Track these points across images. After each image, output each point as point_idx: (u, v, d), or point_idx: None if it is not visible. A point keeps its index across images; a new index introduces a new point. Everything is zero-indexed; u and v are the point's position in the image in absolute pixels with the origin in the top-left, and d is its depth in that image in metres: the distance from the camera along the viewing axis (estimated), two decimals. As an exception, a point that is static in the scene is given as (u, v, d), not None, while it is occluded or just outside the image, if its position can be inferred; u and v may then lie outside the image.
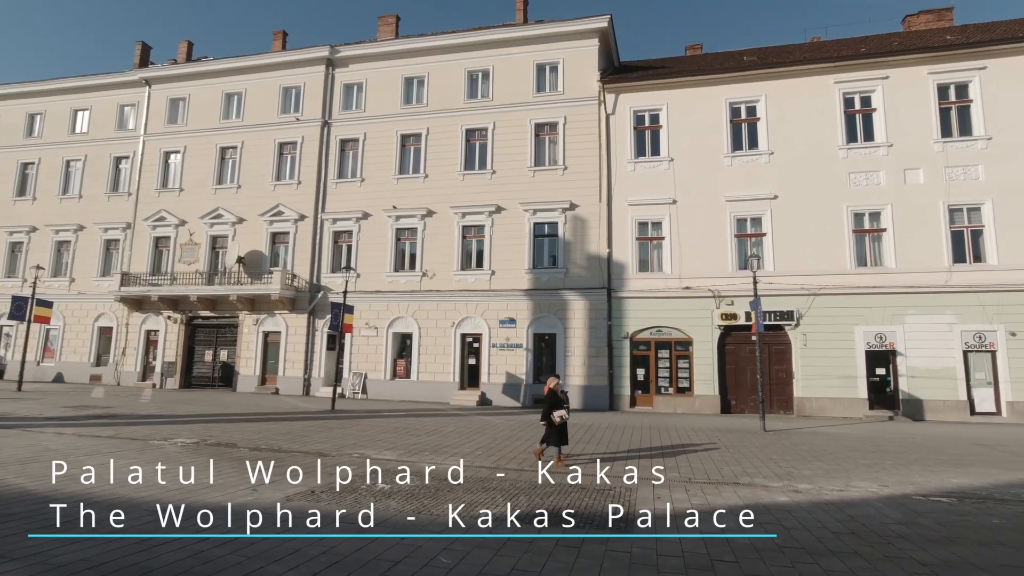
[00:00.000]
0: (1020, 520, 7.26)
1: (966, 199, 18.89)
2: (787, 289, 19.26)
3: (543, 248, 21.92)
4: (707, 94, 21.20)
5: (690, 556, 5.76)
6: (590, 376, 20.43)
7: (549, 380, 10.71)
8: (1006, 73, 19.20)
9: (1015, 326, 17.96)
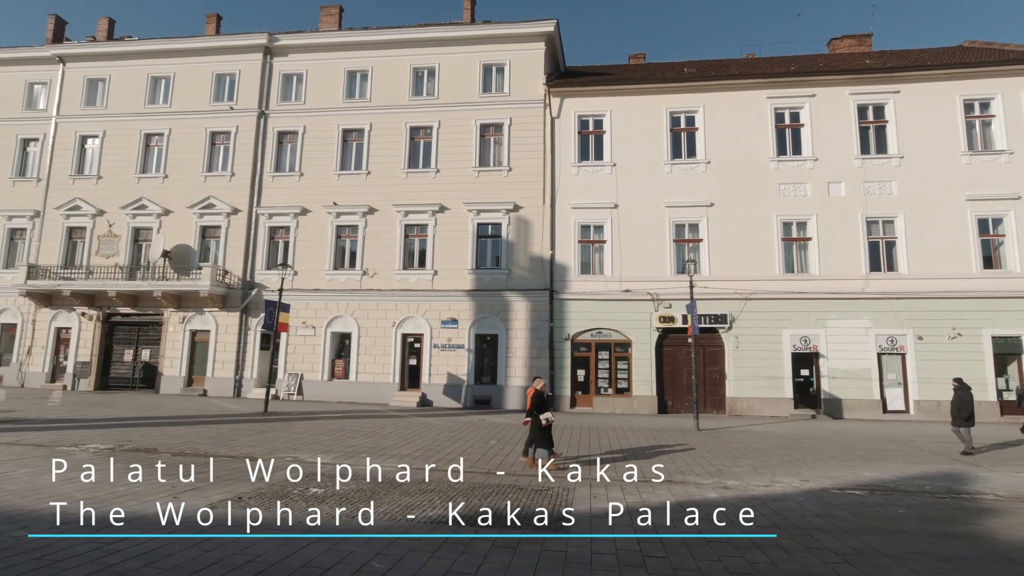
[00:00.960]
0: (923, 510, 7.82)
1: (882, 212, 20.25)
2: (721, 293, 20.05)
3: (486, 249, 21.88)
4: (649, 102, 21.79)
5: (623, 553, 5.87)
6: (531, 377, 20.48)
7: (535, 382, 10.62)
8: (917, 97, 20.74)
9: (922, 331, 19.40)
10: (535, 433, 10.05)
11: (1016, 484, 9.36)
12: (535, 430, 10.03)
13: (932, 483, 9.38)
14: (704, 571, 5.42)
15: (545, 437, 9.98)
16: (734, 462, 11.00)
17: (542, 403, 10.09)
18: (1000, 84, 20.47)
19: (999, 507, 8.05)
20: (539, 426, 9.95)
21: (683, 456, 11.54)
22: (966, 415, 12.33)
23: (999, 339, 19.21)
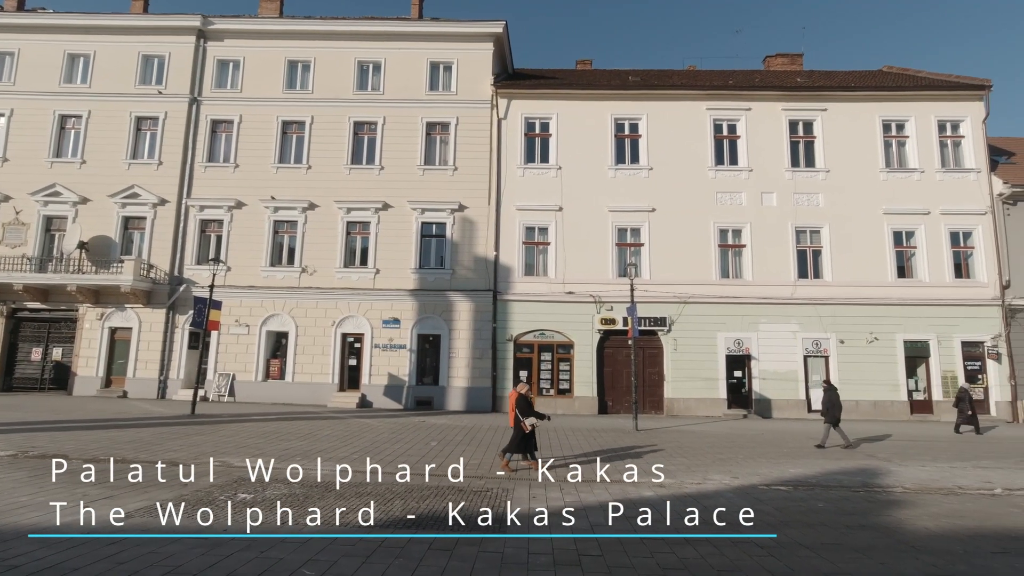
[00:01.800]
0: (840, 503, 8.28)
1: (809, 223, 21.40)
2: (661, 297, 20.61)
3: (430, 248, 21.63)
4: (595, 108, 22.16)
5: (560, 552, 5.90)
6: (474, 378, 20.45)
7: (519, 386, 10.48)
8: (842, 116, 22.06)
9: (844, 335, 20.63)
10: (518, 436, 9.93)
11: (921, 477, 10.06)
12: (518, 434, 9.91)
13: (849, 478, 9.95)
14: (637, 568, 5.51)
15: (527, 441, 9.93)
16: (669, 461, 11.29)
17: (528, 407, 9.96)
18: (913, 108, 22.06)
19: (906, 499, 8.63)
20: (522, 430, 9.84)
21: (622, 456, 11.75)
22: (833, 413, 13.62)
23: (910, 343, 20.68)
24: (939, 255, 21.08)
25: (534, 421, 9.92)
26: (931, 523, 7.30)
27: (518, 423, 9.87)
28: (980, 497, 8.85)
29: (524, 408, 9.91)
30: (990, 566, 5.74)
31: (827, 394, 13.92)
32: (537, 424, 9.97)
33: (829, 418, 13.74)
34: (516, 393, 10.28)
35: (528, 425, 9.82)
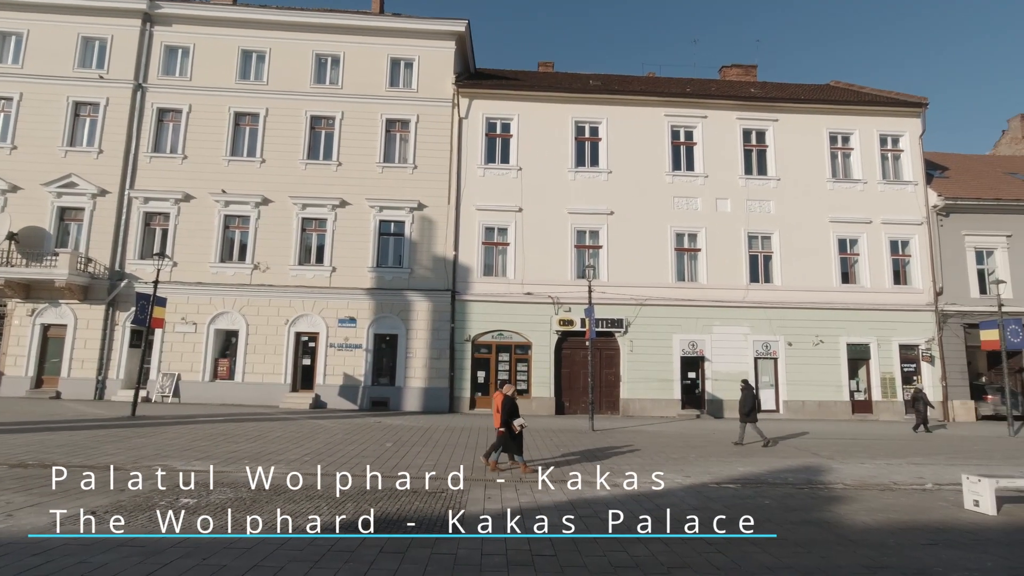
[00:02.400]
0: (785, 500, 8.55)
1: (760, 228, 22.11)
2: (619, 299, 20.90)
3: (388, 247, 21.30)
4: (556, 110, 22.31)
5: (513, 553, 5.87)
6: (431, 378, 20.25)
7: (505, 387, 10.49)
8: (792, 127, 22.90)
9: (792, 337, 21.40)
10: (506, 439, 9.94)
11: (860, 474, 10.50)
12: (506, 436, 9.93)
13: (794, 475, 10.30)
14: (590, 566, 5.53)
15: (516, 443, 9.96)
16: (625, 460, 11.43)
17: (514, 409, 10.02)
18: (858, 122, 23.11)
19: (847, 495, 8.98)
20: (511, 432, 9.88)
21: (577, 456, 11.82)
22: (746, 411, 14.04)
23: (852, 346, 21.62)
24: (880, 262, 22.14)
25: (522, 422, 10.04)
26: (868, 517, 7.62)
27: (507, 425, 9.91)
28: (913, 492, 9.30)
29: (511, 410, 9.99)
30: (919, 557, 6.02)
31: (744, 393, 14.36)
32: (526, 425, 10.08)
33: (743, 416, 14.16)
34: (502, 395, 10.26)
35: (517, 426, 9.91)
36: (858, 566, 5.71)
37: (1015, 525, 7.49)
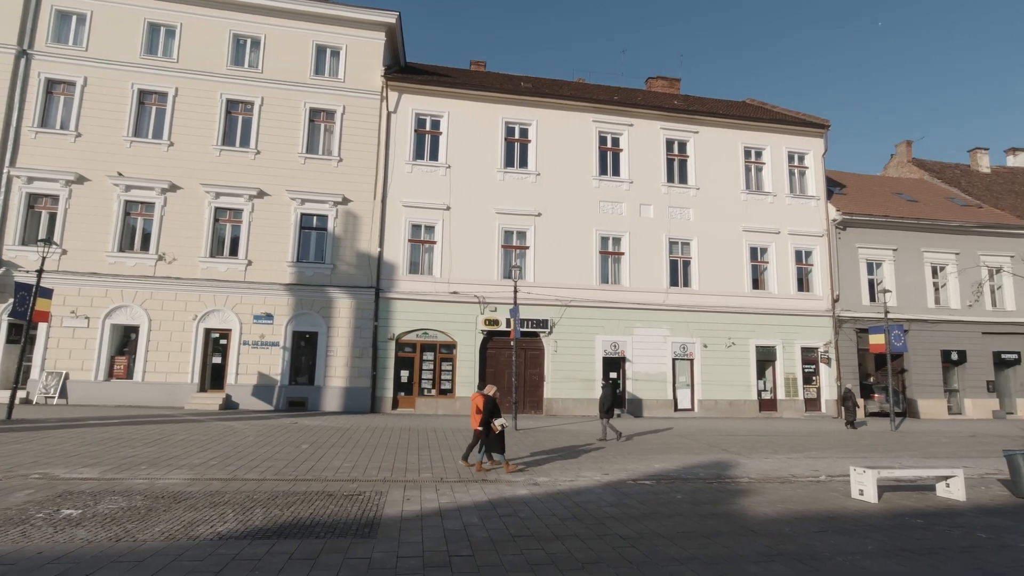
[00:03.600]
0: (696, 494, 8.92)
1: (680, 235, 23.09)
2: (544, 299, 21.14)
3: (310, 241, 20.44)
4: (487, 110, 22.27)
5: (430, 555, 5.76)
6: (352, 377, 19.62)
7: (487, 388, 10.59)
8: (712, 139, 24.08)
9: (707, 340, 22.48)
10: (489, 439, 10.03)
11: (764, 468, 11.16)
12: (487, 435, 10.01)
13: (705, 471, 10.78)
14: (507, 566, 5.51)
15: (499, 442, 10.06)
16: (546, 460, 11.54)
17: (495, 409, 10.12)
18: (769, 138, 24.65)
19: (751, 488, 9.51)
20: (493, 432, 9.99)
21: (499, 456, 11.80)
22: (606, 407, 14.54)
23: (761, 348, 23.01)
24: (786, 270, 23.71)
25: (503, 422, 10.15)
26: (769, 508, 8.09)
27: (487, 425, 10.00)
28: (809, 484, 9.98)
29: (493, 410, 10.09)
30: (811, 544, 6.45)
31: (604, 390, 14.81)
32: (507, 425, 10.23)
33: (602, 412, 14.58)
34: (482, 396, 10.31)
35: (498, 426, 10.01)
36: (758, 554, 6.03)
37: (892, 511, 8.20)
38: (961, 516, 8.04)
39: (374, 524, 6.77)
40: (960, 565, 5.89)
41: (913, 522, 7.63)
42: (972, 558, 6.13)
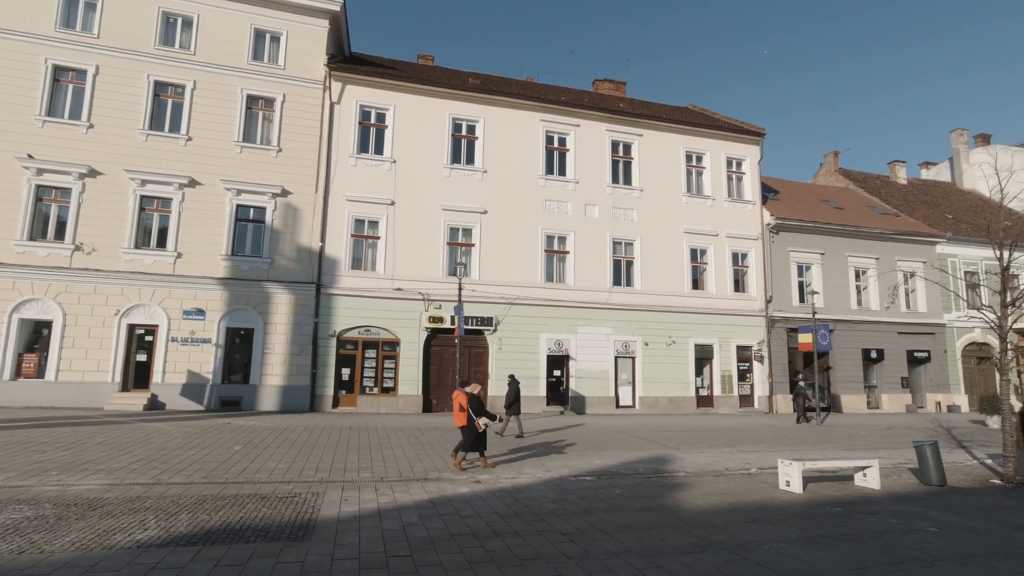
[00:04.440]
0: (634, 489, 9.10)
1: (624, 235, 23.56)
2: (489, 297, 21.10)
3: (246, 234, 19.56)
4: (434, 105, 21.98)
5: (366, 556, 5.61)
6: (291, 375, 18.95)
7: (472, 386, 10.71)
8: (655, 142, 24.69)
9: (648, 338, 23.05)
10: (471, 435, 10.12)
11: (700, 462, 11.52)
12: (471, 433, 10.11)
13: (644, 466, 11.02)
14: (446, 565, 5.43)
15: (480, 440, 10.19)
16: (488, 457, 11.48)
17: (481, 407, 10.27)
18: (709, 144, 25.53)
19: (687, 481, 9.79)
20: (476, 430, 10.11)
21: (442, 454, 11.68)
22: (509, 403, 14.45)
23: (699, 346, 23.82)
24: (723, 272, 24.63)
25: (487, 421, 10.26)
26: (703, 501, 8.35)
27: (471, 422, 10.12)
28: (741, 476, 10.38)
29: (477, 408, 10.22)
30: (741, 534, 6.70)
31: (510, 387, 14.72)
32: (489, 424, 10.36)
33: (509, 409, 14.44)
34: (464, 394, 10.43)
35: (482, 424, 10.14)
36: (691, 545, 6.20)
37: (815, 501, 8.64)
38: (876, 503, 8.56)
39: (309, 526, 6.54)
40: (873, 549, 6.26)
41: (833, 510, 8.05)
42: (884, 542, 6.53)
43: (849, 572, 5.50)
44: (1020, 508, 8.50)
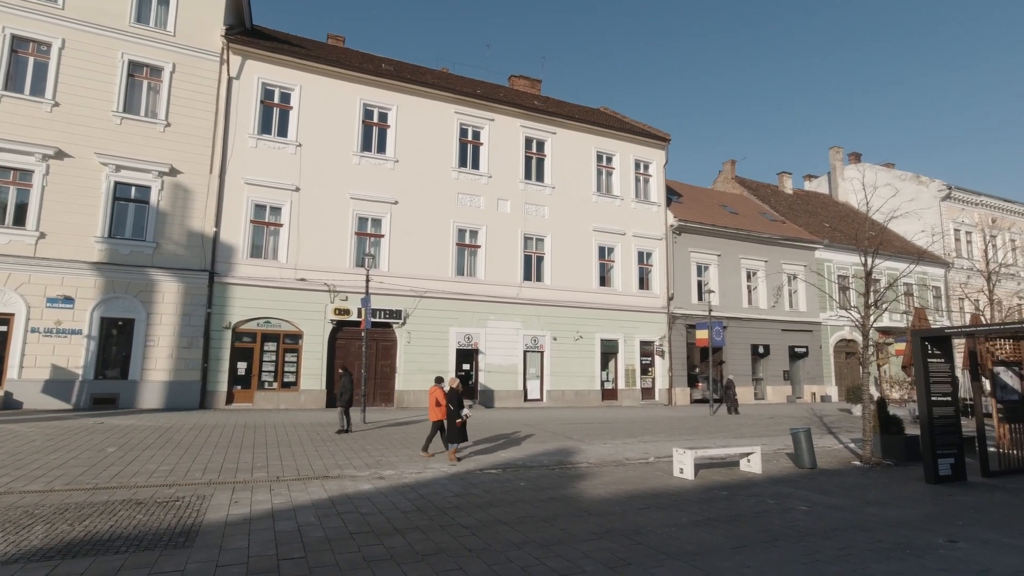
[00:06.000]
0: (538, 481, 9.23)
1: (536, 231, 23.86)
2: (398, 290, 20.60)
3: (127, 215, 17.69)
4: (344, 88, 21.07)
5: (256, 560, 5.28)
6: (178, 370, 17.46)
7: (450, 380, 11.11)
8: (568, 141, 25.20)
9: (557, 333, 23.53)
10: (451, 429, 10.47)
11: (602, 453, 11.91)
12: (451, 426, 10.45)
13: (549, 458, 11.22)
14: (342, 565, 5.21)
15: (460, 433, 10.53)
16: (393, 453, 11.23)
17: (460, 401, 10.55)
18: (619, 146, 26.45)
19: (589, 472, 10.08)
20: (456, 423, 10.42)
21: (344, 450, 11.27)
22: (346, 399, 13.65)
23: (605, 341, 24.66)
24: (630, 269, 25.65)
25: (467, 413, 10.68)
26: (603, 490, 8.62)
27: (451, 416, 10.47)
28: (640, 465, 10.84)
29: (457, 402, 10.53)
30: (636, 520, 6.98)
31: (341, 380, 14.03)
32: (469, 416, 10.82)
33: (341, 402, 13.70)
34: (440, 390, 10.89)
35: (464, 416, 10.55)
36: (589, 533, 6.36)
37: (706, 486, 9.18)
38: (757, 486, 9.24)
39: (192, 532, 6.05)
40: (752, 528, 6.73)
41: (720, 494, 8.60)
42: (762, 522, 7.05)
43: (731, 551, 5.87)
44: (875, 486, 9.52)
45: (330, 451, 11.12)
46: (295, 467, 9.53)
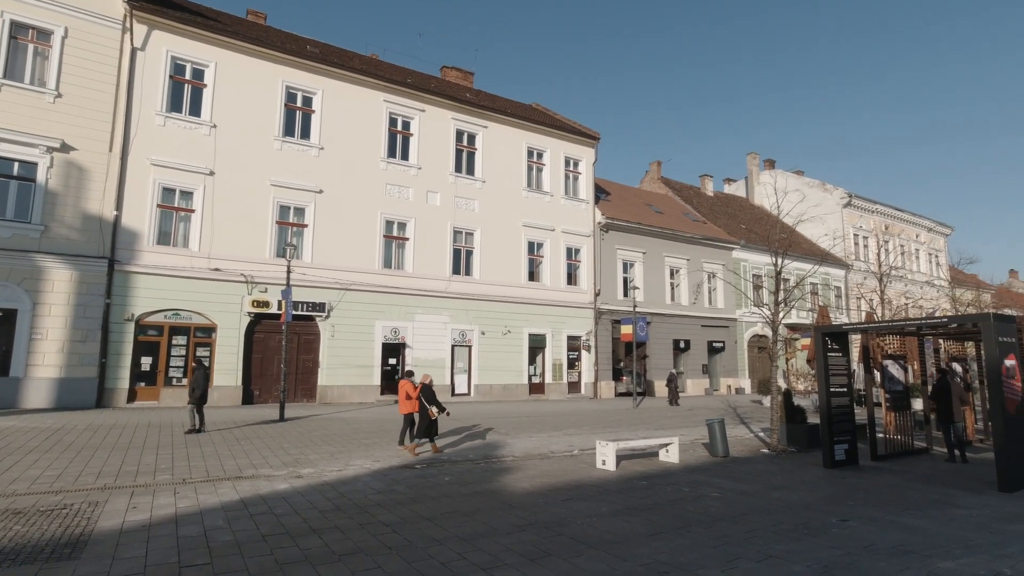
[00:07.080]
0: (463, 475, 9.15)
1: (465, 225, 23.70)
2: (322, 282, 19.86)
3: (7, 193, 15.85)
4: (265, 68, 19.97)
5: (153, 569, 4.89)
6: (71, 366, 15.97)
7: (423, 376, 11.39)
8: (499, 136, 25.17)
9: (485, 327, 23.52)
10: (423, 423, 10.66)
11: (527, 446, 12.00)
12: (425, 420, 10.62)
13: (475, 452, 11.17)
14: (252, 569, 4.91)
15: (431, 427, 10.73)
16: (313, 450, 10.80)
17: (432, 396, 10.74)
18: (550, 142, 26.74)
19: (514, 465, 10.11)
20: (428, 417, 10.60)
21: (260, 449, 10.72)
22: (198, 395, 12.42)
23: (533, 336, 24.90)
24: (558, 265, 26.02)
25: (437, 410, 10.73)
26: (527, 483, 8.66)
27: (423, 410, 10.60)
28: (564, 458, 10.99)
29: (429, 397, 10.70)
30: (559, 511, 7.05)
31: (195, 373, 12.72)
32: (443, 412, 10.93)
33: (192, 398, 12.41)
34: (410, 383, 11.20)
35: (434, 412, 10.62)
36: (512, 526, 6.36)
37: (626, 477, 9.45)
38: (674, 475, 9.61)
39: (80, 542, 5.51)
40: (668, 515, 6.98)
41: (639, 484, 8.86)
42: (678, 509, 7.32)
43: (648, 537, 6.04)
44: (780, 472, 10.14)
45: (244, 450, 10.54)
46: (204, 468, 8.95)
